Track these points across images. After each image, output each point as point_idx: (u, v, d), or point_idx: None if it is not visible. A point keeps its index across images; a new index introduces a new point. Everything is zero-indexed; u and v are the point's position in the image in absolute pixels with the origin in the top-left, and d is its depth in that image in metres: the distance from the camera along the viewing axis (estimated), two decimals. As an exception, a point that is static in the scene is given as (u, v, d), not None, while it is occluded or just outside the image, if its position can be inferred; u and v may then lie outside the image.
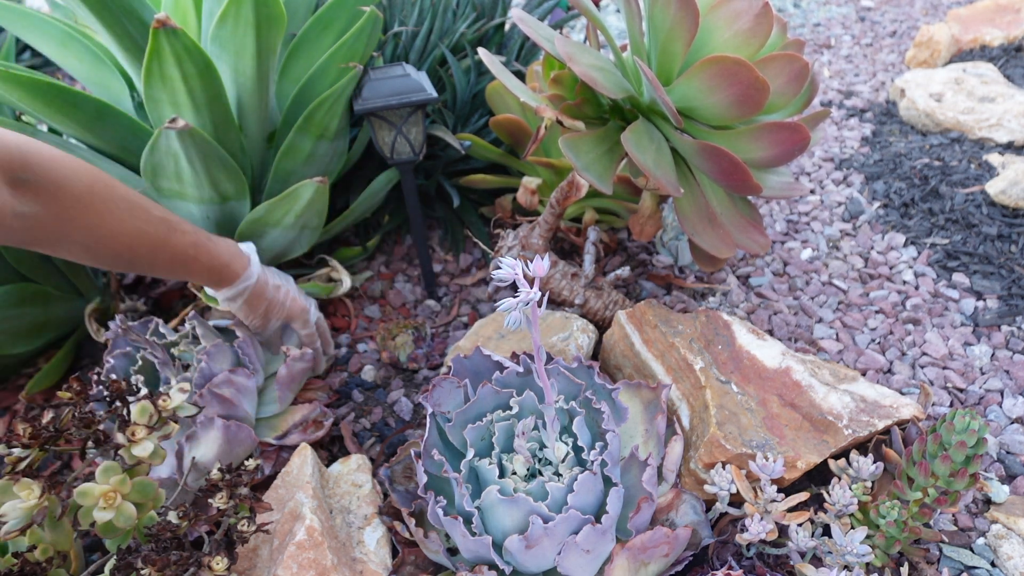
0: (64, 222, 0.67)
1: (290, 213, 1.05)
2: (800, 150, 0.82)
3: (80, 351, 1.18)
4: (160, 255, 0.78)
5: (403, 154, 1.11)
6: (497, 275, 0.61)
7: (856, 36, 2.36)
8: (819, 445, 0.82)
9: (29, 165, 0.64)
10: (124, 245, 0.74)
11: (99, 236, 0.71)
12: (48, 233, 0.67)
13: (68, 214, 0.67)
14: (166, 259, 0.79)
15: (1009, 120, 1.57)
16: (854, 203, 1.42)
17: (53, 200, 0.66)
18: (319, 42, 1.15)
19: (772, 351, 0.93)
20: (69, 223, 0.68)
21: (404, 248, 1.41)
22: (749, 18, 0.78)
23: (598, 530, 0.68)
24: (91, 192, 0.69)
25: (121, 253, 0.74)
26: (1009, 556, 0.77)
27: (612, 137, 0.93)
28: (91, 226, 0.70)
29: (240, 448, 0.88)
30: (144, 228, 0.75)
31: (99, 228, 0.70)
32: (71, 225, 0.68)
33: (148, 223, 0.76)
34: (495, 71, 0.94)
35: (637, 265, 1.31)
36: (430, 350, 1.15)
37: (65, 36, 1.08)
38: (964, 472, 0.73)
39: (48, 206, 0.65)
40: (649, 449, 0.83)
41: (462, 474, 0.73)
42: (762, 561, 0.79)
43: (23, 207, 0.63)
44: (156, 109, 0.96)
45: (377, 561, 0.79)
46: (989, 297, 1.16)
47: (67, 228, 0.68)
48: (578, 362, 0.86)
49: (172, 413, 0.75)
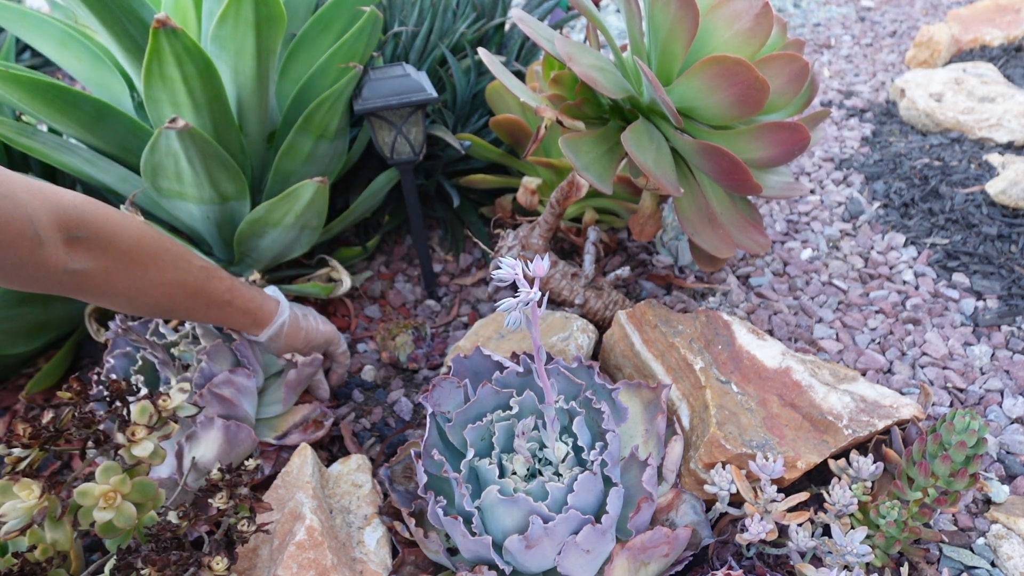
0: (111, 275, 0.70)
1: (290, 213, 1.05)
2: (800, 150, 0.82)
3: (80, 351, 1.18)
4: (198, 302, 0.80)
5: (403, 154, 1.11)
6: (497, 275, 0.61)
7: (856, 36, 2.36)
8: (819, 445, 0.82)
9: (85, 224, 0.66)
10: (165, 295, 0.76)
11: (142, 287, 0.73)
12: (95, 286, 0.70)
13: (115, 267, 0.70)
14: (203, 305, 0.81)
15: (1009, 120, 1.57)
16: (854, 203, 1.42)
17: (103, 256, 0.68)
18: (319, 42, 1.15)
19: (772, 351, 0.93)
20: (116, 275, 0.70)
21: (404, 248, 1.41)
22: (749, 18, 0.78)
23: (598, 530, 0.68)
24: (139, 247, 0.71)
25: (161, 302, 0.77)
26: (1009, 556, 0.77)
27: (612, 137, 0.93)
28: (135, 278, 0.72)
29: (240, 448, 0.88)
30: (185, 278, 0.78)
31: (142, 280, 0.73)
32: (117, 278, 0.71)
33: (188, 272, 0.78)
34: (495, 71, 0.94)
35: (637, 265, 1.31)
36: (430, 350, 1.15)
37: (65, 36, 1.08)
38: (964, 472, 0.73)
39: (98, 262, 0.68)
40: (649, 449, 0.83)
41: (462, 474, 0.73)
42: (762, 561, 0.79)
43: (75, 264, 0.66)
44: (156, 109, 0.96)
45: (377, 561, 0.79)
46: (989, 297, 1.16)
47: (113, 280, 0.70)
48: (578, 362, 0.86)
49: (172, 413, 0.75)
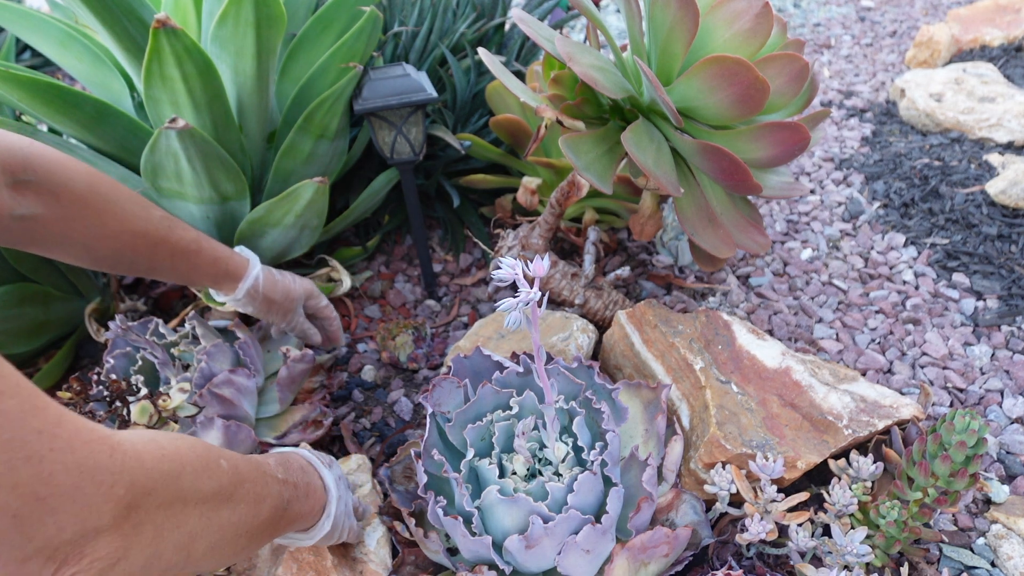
0: (65, 222, 0.67)
1: (290, 213, 1.05)
2: (800, 150, 0.82)
3: (80, 351, 1.18)
4: (161, 251, 0.76)
5: (403, 154, 1.11)
6: (497, 275, 0.61)
7: (856, 36, 2.36)
8: (819, 445, 0.82)
9: (31, 167, 0.63)
10: (125, 244, 0.73)
11: (100, 235, 0.70)
12: (49, 234, 0.66)
13: (69, 213, 0.67)
14: (167, 255, 0.77)
15: (1009, 120, 1.57)
16: (854, 203, 1.43)
17: (54, 201, 0.65)
18: (319, 42, 1.15)
19: (772, 351, 0.93)
20: (70, 223, 0.67)
21: (404, 248, 1.41)
22: (749, 18, 0.78)
23: (598, 530, 0.68)
24: (92, 191, 0.68)
25: (122, 252, 0.74)
26: (1009, 556, 0.77)
27: (612, 137, 0.93)
28: (92, 225, 0.69)
29: (240, 448, 0.88)
30: (145, 227, 0.74)
31: (100, 227, 0.70)
32: (72, 225, 0.67)
33: (149, 222, 0.75)
34: (495, 71, 0.94)
35: (637, 265, 1.31)
36: (430, 350, 1.15)
37: (65, 36, 1.08)
38: (964, 472, 0.73)
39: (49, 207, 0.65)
40: (649, 449, 0.83)
41: (462, 474, 0.73)
42: (762, 561, 0.79)
43: (23, 209, 0.63)
44: (156, 109, 0.96)
45: (377, 561, 0.79)
46: (989, 297, 1.16)
47: (68, 228, 0.67)
48: (578, 362, 0.86)
49: (172, 413, 0.75)
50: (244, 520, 0.53)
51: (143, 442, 0.46)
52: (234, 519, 0.52)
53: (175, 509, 0.46)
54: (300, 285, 0.99)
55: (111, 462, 0.42)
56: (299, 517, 0.63)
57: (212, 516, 0.50)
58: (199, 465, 0.50)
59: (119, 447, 0.43)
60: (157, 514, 0.45)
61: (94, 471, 0.40)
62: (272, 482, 0.58)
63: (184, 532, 0.47)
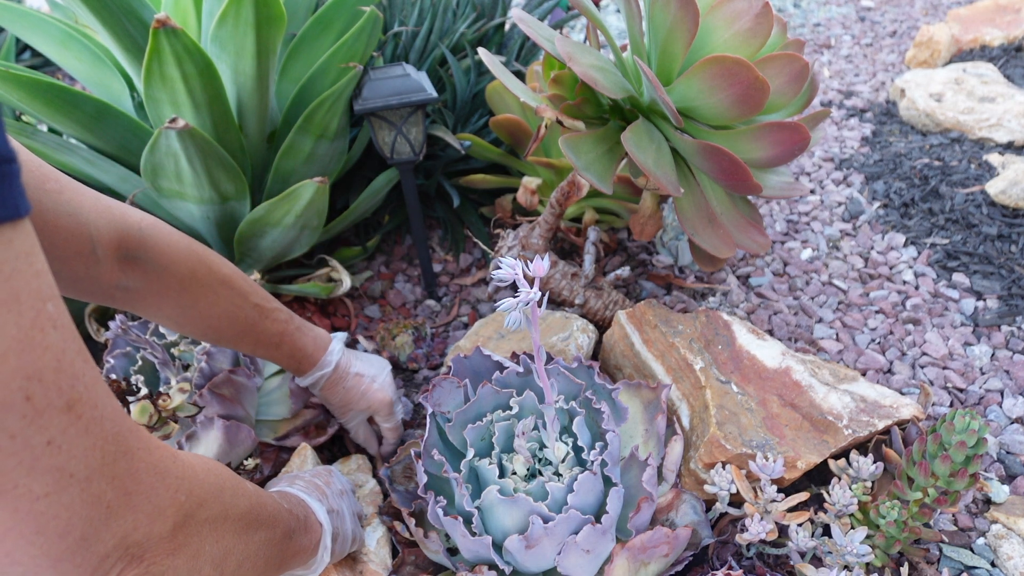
0: (160, 297, 0.69)
1: (290, 213, 1.05)
2: (800, 150, 0.82)
3: (80, 351, 1.18)
4: (245, 339, 0.79)
5: (403, 154, 1.11)
6: (497, 275, 0.61)
7: (856, 36, 2.36)
8: (819, 445, 0.82)
9: (145, 246, 0.65)
10: (211, 326, 0.75)
11: (190, 315, 0.73)
12: (143, 304, 0.69)
13: (166, 292, 0.69)
14: (250, 343, 0.79)
15: (1009, 120, 1.57)
16: (854, 203, 1.43)
17: (156, 280, 0.67)
18: (319, 42, 1.15)
19: (772, 351, 0.93)
20: (164, 299, 0.70)
21: (404, 248, 1.41)
22: (749, 18, 0.78)
23: (598, 530, 0.68)
24: (192, 278, 0.70)
25: (207, 331, 0.76)
26: (1009, 556, 0.77)
27: (612, 137, 0.93)
28: (185, 306, 0.71)
29: (240, 448, 0.88)
30: (236, 313, 0.76)
31: (192, 309, 0.72)
32: (166, 301, 0.70)
33: (241, 309, 0.76)
34: (495, 71, 0.94)
35: (637, 265, 1.31)
36: (430, 350, 1.15)
37: (65, 36, 1.08)
38: (964, 472, 0.73)
39: (150, 283, 0.67)
40: (649, 449, 0.83)
41: (462, 474, 0.73)
42: (762, 561, 0.79)
43: (128, 282, 0.65)
44: (156, 109, 0.96)
45: (377, 561, 0.79)
46: (989, 297, 1.16)
47: (162, 302, 0.70)
48: (578, 362, 0.86)
49: (172, 413, 0.75)
50: (265, 540, 0.56)
51: (190, 455, 0.48)
52: (258, 538, 0.55)
53: (217, 523, 0.48)
54: (371, 399, 0.90)
55: (176, 468, 0.44)
56: (301, 550, 0.65)
57: (242, 534, 0.52)
58: (235, 483, 0.53)
59: (178, 456, 0.45)
60: (203, 527, 0.46)
61: (165, 475, 0.42)
62: (281, 509, 0.61)
63: (221, 547, 0.49)
